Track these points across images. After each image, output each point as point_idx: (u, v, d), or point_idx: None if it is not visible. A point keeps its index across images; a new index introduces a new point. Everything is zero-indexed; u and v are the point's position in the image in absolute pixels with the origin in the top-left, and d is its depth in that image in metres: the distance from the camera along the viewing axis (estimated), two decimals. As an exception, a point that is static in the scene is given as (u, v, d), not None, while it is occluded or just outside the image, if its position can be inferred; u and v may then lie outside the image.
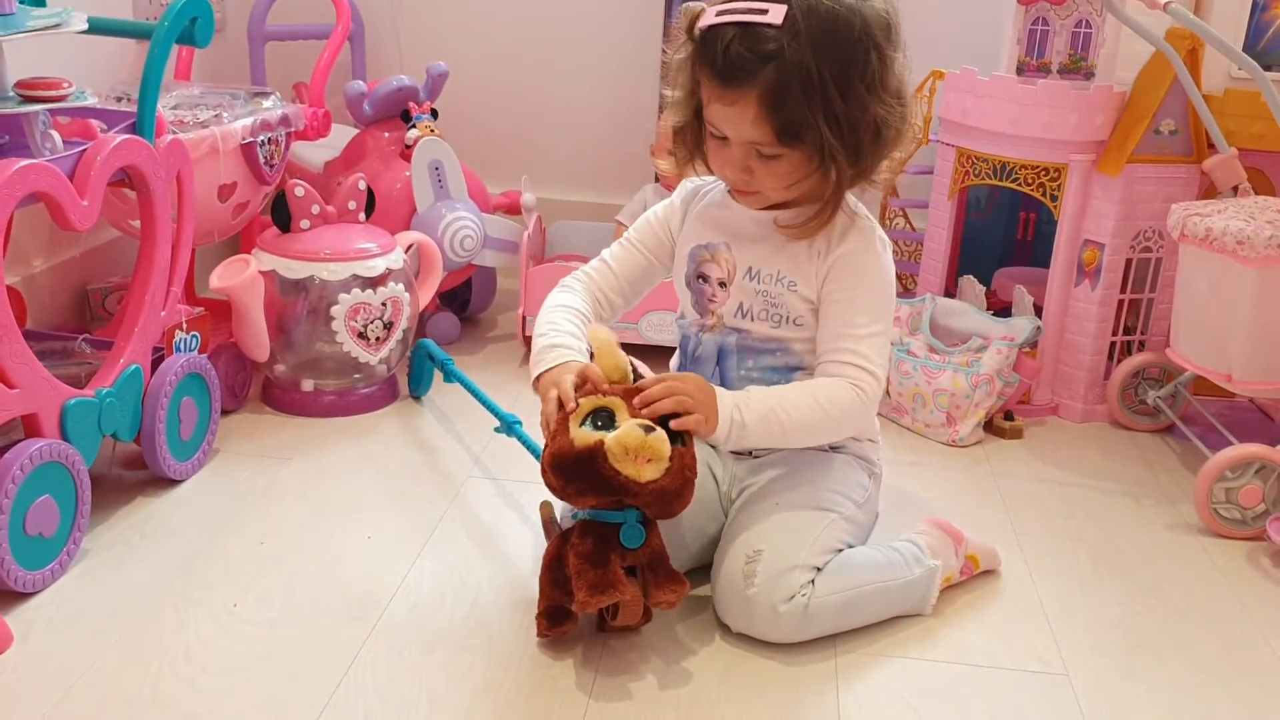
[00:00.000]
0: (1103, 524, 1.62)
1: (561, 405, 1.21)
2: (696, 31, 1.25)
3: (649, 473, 1.15)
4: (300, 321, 1.78)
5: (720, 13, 1.22)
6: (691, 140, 1.33)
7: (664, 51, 1.33)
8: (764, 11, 1.19)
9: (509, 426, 1.59)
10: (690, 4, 1.27)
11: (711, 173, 1.36)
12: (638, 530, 1.20)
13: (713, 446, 1.42)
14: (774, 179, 1.27)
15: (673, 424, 1.19)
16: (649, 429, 1.15)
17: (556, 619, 1.24)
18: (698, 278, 1.39)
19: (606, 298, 1.42)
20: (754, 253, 1.35)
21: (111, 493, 1.52)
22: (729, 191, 1.38)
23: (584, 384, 1.22)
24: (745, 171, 1.27)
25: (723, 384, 1.37)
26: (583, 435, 1.17)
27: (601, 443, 1.15)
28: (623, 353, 1.25)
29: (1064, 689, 1.25)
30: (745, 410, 1.25)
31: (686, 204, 1.42)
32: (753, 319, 1.36)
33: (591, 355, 1.27)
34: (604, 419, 1.18)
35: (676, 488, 1.17)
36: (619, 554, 1.20)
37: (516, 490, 1.60)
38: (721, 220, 1.38)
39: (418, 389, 1.88)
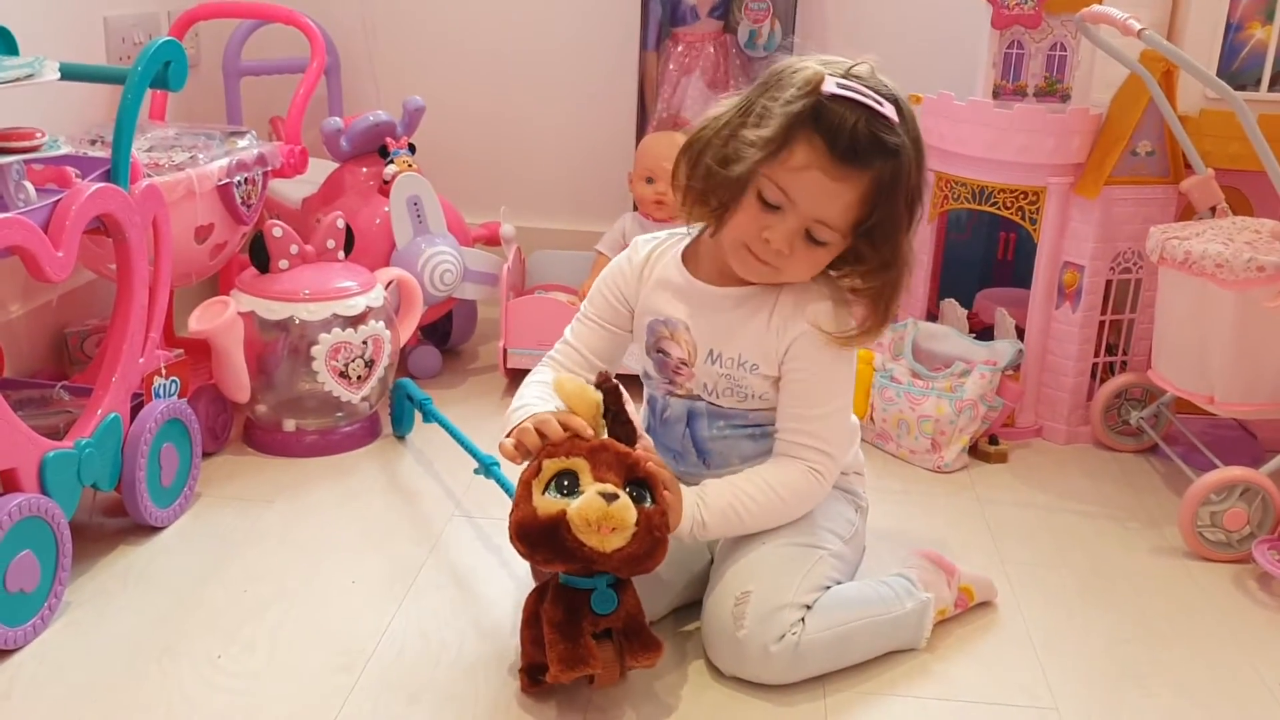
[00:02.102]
0: (1088, 549, 1.62)
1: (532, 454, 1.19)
2: (821, 93, 1.19)
3: (614, 542, 1.13)
4: (281, 362, 1.77)
5: (843, 85, 1.19)
6: (727, 193, 1.24)
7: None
8: (881, 103, 1.19)
9: (487, 468, 1.58)
10: (799, 64, 1.23)
11: (711, 228, 1.30)
12: (609, 595, 1.18)
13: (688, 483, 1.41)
14: (808, 264, 1.26)
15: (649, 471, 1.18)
16: (611, 497, 1.12)
17: (537, 676, 1.23)
18: (657, 351, 1.37)
19: (575, 374, 1.36)
20: (714, 332, 1.32)
21: (93, 542, 1.51)
22: (683, 258, 1.35)
23: (545, 438, 1.18)
24: (788, 247, 1.23)
25: (694, 443, 1.37)
26: (545, 504, 1.14)
27: (564, 513, 1.13)
28: (591, 389, 1.21)
29: (1053, 724, 1.25)
30: (705, 510, 1.26)
31: (640, 270, 1.37)
32: (718, 395, 1.34)
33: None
34: (569, 481, 1.15)
35: (646, 550, 1.15)
36: (591, 620, 1.17)
37: (498, 530, 1.57)
38: (677, 294, 1.34)
39: (400, 429, 1.87)
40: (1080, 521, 1.70)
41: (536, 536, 1.14)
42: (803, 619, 1.26)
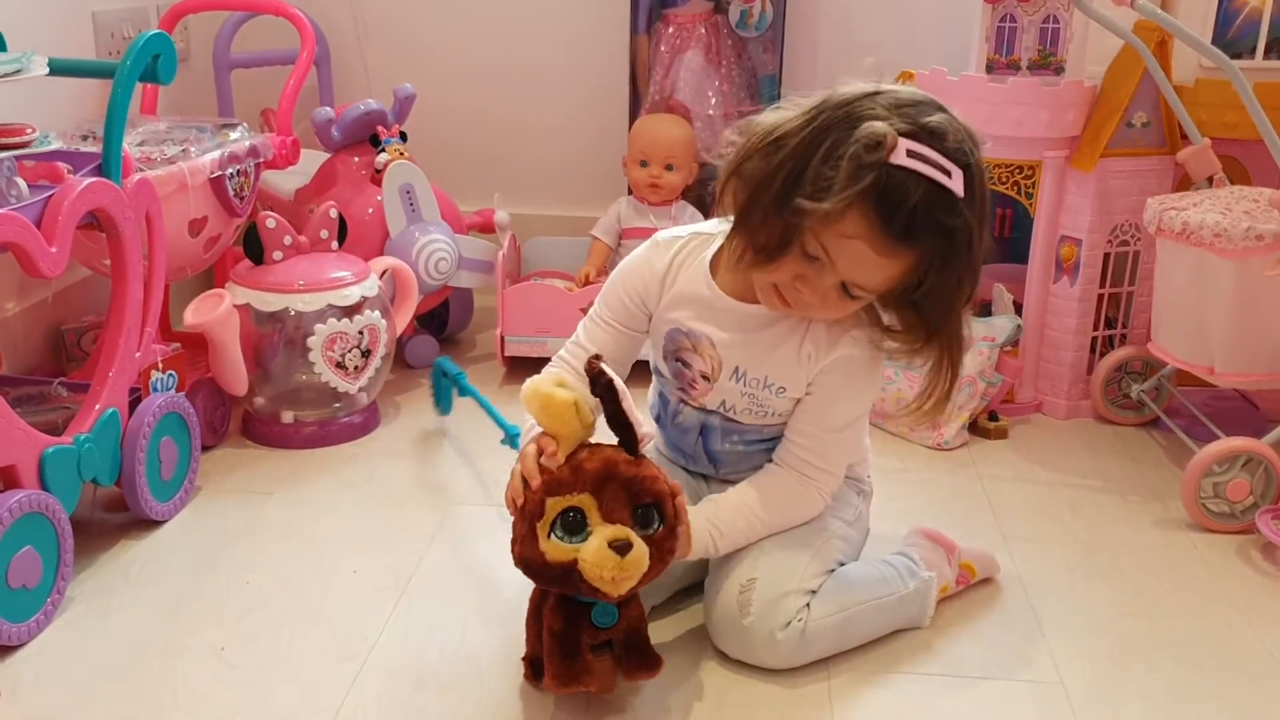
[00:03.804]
0: (1091, 523, 1.62)
1: (530, 497, 1.14)
2: (884, 165, 1.09)
3: (627, 585, 1.10)
4: (277, 354, 1.77)
5: (912, 154, 1.09)
6: (778, 243, 1.15)
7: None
8: (949, 174, 1.09)
9: (512, 438, 1.60)
10: (872, 98, 1.13)
11: (747, 255, 1.20)
12: (610, 610, 1.16)
13: (702, 475, 1.42)
14: (838, 312, 1.20)
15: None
16: (624, 548, 1.08)
17: (540, 670, 1.21)
18: (676, 359, 1.33)
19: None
20: (741, 353, 1.27)
21: (94, 537, 1.51)
22: (710, 266, 1.28)
23: (542, 454, 1.15)
24: (820, 299, 1.17)
25: (706, 451, 1.37)
26: (554, 549, 1.10)
27: (575, 561, 1.09)
28: (559, 398, 1.12)
29: (1058, 698, 1.24)
30: (720, 538, 1.26)
31: (662, 277, 1.30)
32: (736, 412, 1.32)
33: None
34: (575, 517, 1.10)
35: (655, 574, 1.13)
36: (591, 633, 1.16)
37: (500, 518, 1.58)
38: (703, 308, 1.28)
39: (441, 406, 1.87)
40: (1082, 495, 1.70)
41: (542, 575, 1.12)
42: (808, 604, 1.26)
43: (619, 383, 1.13)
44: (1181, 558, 1.53)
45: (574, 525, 1.10)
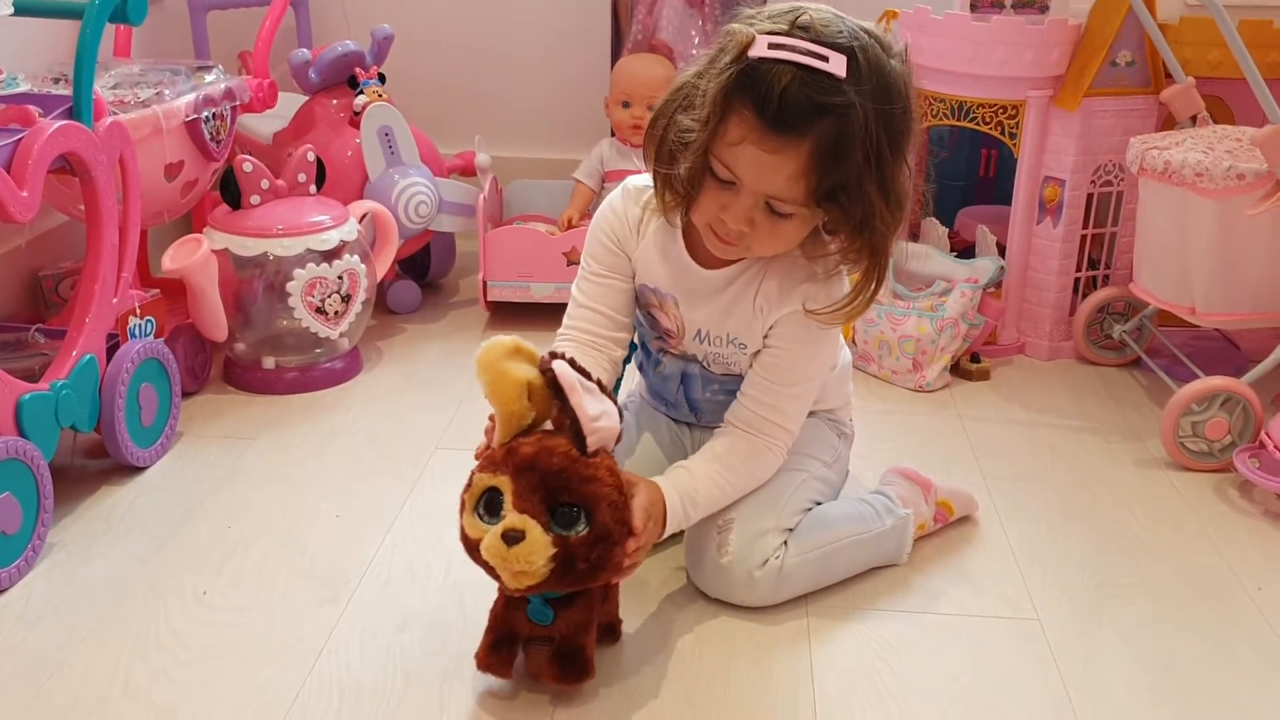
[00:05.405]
0: (1071, 463, 1.63)
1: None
2: (745, 61, 1.09)
3: (525, 580, 1.04)
4: (257, 299, 1.76)
5: (775, 45, 1.08)
6: (688, 181, 1.15)
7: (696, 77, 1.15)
8: (824, 59, 1.07)
9: None
10: (734, 26, 1.12)
11: (688, 218, 1.22)
12: (543, 611, 1.11)
13: (685, 422, 1.43)
14: (775, 239, 1.17)
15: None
16: (515, 539, 1.03)
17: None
18: (647, 312, 1.33)
19: (604, 338, 1.29)
20: (702, 314, 1.28)
21: (75, 483, 1.50)
22: (682, 229, 1.26)
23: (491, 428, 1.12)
24: (747, 224, 1.14)
25: (687, 399, 1.37)
26: (471, 525, 1.07)
27: (480, 541, 1.06)
28: (518, 381, 1.06)
29: (1035, 634, 1.25)
30: (695, 509, 1.23)
31: (636, 227, 1.29)
32: (709, 364, 1.33)
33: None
34: (496, 501, 1.07)
35: (570, 581, 1.07)
36: (527, 625, 1.13)
37: (484, 460, 1.59)
38: (669, 268, 1.27)
39: None
40: (1062, 436, 1.71)
41: (467, 552, 1.09)
42: (785, 542, 1.27)
43: (571, 377, 1.06)
44: (1160, 496, 1.55)
45: (492, 506, 1.07)
